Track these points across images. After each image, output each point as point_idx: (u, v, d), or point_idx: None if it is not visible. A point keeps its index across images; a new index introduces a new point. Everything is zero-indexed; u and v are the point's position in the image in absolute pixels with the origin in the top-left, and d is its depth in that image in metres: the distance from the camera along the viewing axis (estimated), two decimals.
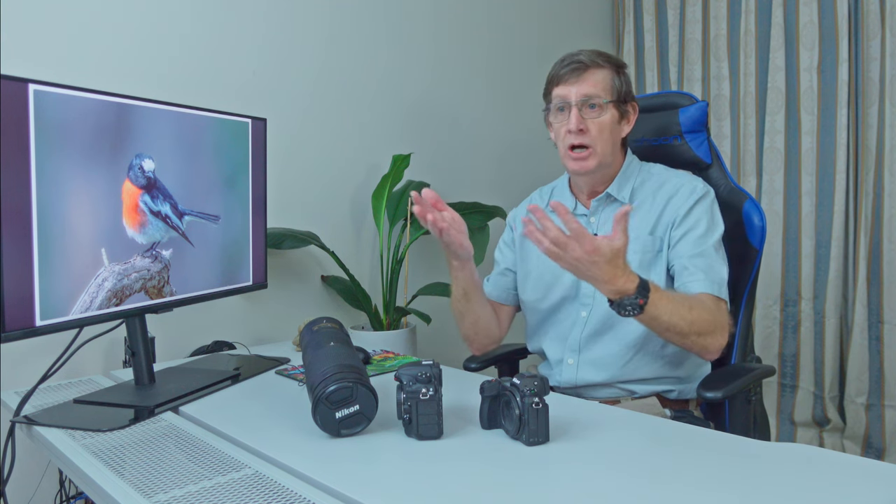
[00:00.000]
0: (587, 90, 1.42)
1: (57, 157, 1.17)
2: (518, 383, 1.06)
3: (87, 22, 1.80)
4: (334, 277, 2.26)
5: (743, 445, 1.06)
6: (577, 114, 1.42)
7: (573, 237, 1.17)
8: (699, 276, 1.37)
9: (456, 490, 0.92)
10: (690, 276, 1.38)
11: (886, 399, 2.50)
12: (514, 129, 2.77)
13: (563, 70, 1.44)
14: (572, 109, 1.43)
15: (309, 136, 2.23)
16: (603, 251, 1.18)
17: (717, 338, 1.34)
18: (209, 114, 1.51)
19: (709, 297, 1.35)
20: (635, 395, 1.45)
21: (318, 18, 2.25)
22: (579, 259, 1.18)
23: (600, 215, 1.51)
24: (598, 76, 1.44)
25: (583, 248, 1.17)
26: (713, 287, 1.37)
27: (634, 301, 1.23)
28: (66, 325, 1.21)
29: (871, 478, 0.93)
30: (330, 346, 1.20)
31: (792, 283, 2.69)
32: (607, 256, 1.18)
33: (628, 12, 3.12)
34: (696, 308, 1.31)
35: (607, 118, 1.44)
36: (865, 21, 2.48)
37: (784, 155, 2.69)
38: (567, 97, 1.43)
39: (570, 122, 1.42)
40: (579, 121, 1.42)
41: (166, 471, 1.00)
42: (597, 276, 1.21)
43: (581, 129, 1.42)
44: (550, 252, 1.19)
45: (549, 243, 1.18)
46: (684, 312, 1.29)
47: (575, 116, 1.42)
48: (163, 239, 1.41)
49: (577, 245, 1.17)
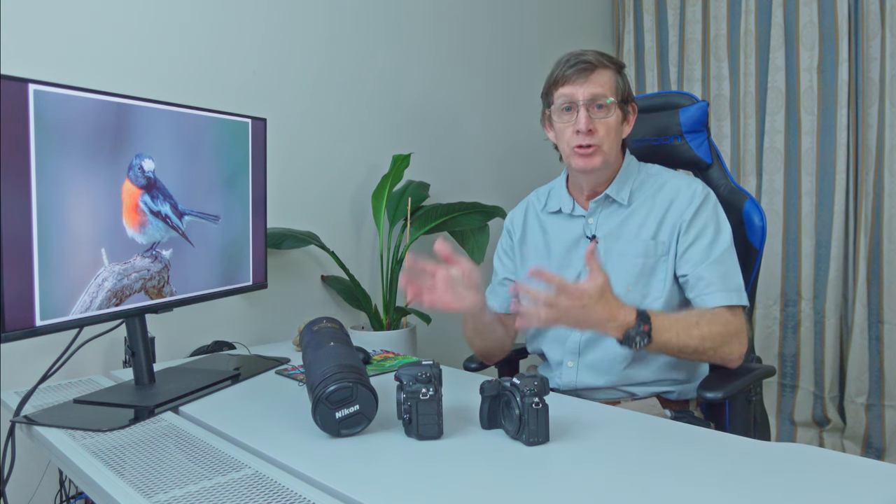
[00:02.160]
0: (595, 90, 1.41)
1: (57, 157, 1.17)
2: (518, 383, 1.06)
3: (87, 22, 1.80)
4: (334, 277, 2.27)
5: (743, 445, 1.06)
6: (586, 114, 1.41)
7: (559, 292, 1.18)
8: (715, 286, 1.38)
9: (456, 490, 0.92)
10: (706, 288, 1.38)
11: (886, 399, 2.50)
12: (514, 129, 2.77)
13: (570, 70, 1.43)
14: (580, 109, 1.41)
15: (309, 136, 2.23)
16: (590, 293, 1.19)
17: (735, 346, 1.36)
18: (209, 114, 1.51)
19: (721, 309, 1.36)
20: (635, 396, 1.45)
21: (318, 18, 2.25)
22: (571, 308, 1.19)
23: (599, 216, 1.51)
24: (605, 76, 1.43)
25: (570, 298, 1.19)
26: (730, 296, 1.37)
27: (639, 330, 1.25)
28: (66, 325, 1.21)
29: (871, 478, 0.93)
30: (330, 346, 1.20)
31: (792, 283, 2.69)
32: (595, 297, 1.20)
33: (628, 12, 3.12)
34: (702, 323, 1.32)
35: (613, 119, 1.44)
36: (865, 21, 2.48)
37: (784, 155, 2.69)
38: (574, 97, 1.42)
39: (580, 123, 1.41)
40: (588, 121, 1.41)
41: (166, 471, 1.00)
42: (596, 318, 1.22)
43: (590, 130, 1.41)
44: (549, 319, 1.20)
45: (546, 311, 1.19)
46: (692, 330, 1.31)
47: (584, 117, 1.41)
48: (163, 239, 1.41)
49: (565, 297, 1.18)
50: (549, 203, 1.60)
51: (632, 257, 1.44)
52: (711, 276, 1.38)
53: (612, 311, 1.23)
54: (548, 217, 1.59)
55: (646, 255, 1.44)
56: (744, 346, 1.37)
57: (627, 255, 1.45)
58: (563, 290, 1.18)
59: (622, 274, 1.44)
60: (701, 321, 1.33)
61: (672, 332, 1.29)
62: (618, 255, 1.46)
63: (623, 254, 1.46)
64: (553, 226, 1.58)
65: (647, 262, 1.44)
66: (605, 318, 1.23)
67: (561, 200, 1.57)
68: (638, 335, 1.25)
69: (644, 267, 1.43)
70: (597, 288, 1.20)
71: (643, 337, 1.25)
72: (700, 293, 1.39)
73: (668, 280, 1.43)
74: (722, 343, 1.34)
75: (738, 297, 1.38)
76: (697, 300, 1.39)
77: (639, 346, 1.26)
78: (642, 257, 1.44)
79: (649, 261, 1.44)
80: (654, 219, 1.46)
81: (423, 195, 2.36)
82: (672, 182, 1.49)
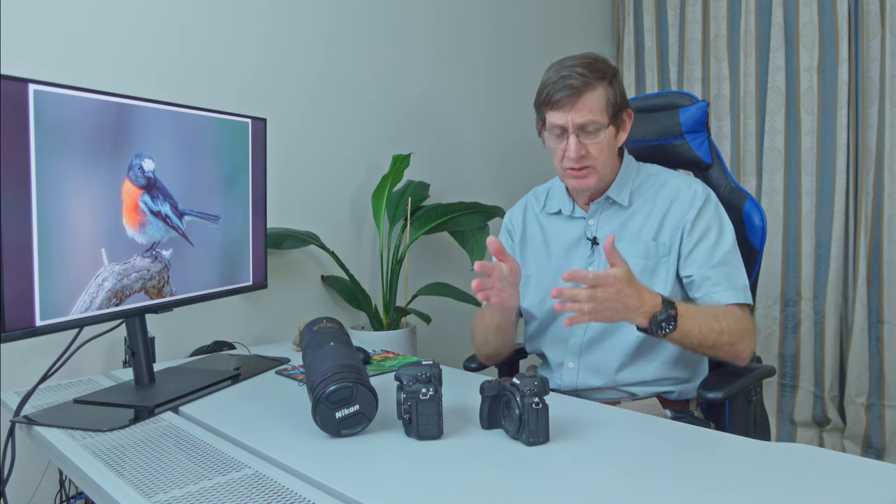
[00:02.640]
0: (584, 118, 1.38)
1: (57, 157, 1.17)
2: (518, 383, 1.06)
3: (87, 22, 1.80)
4: (334, 277, 2.27)
5: (743, 445, 1.06)
6: (576, 141, 1.39)
7: (594, 285, 1.18)
8: (722, 285, 1.38)
9: (456, 490, 0.92)
10: (713, 287, 1.39)
11: (886, 399, 2.50)
12: (514, 129, 2.76)
13: (558, 95, 1.38)
14: (570, 136, 1.39)
15: (309, 136, 2.23)
16: (620, 276, 1.19)
17: (747, 344, 1.37)
18: (209, 114, 1.51)
19: (733, 306, 1.37)
20: (636, 396, 1.45)
21: (318, 18, 2.25)
22: (610, 297, 1.19)
23: (599, 217, 1.51)
24: (593, 99, 1.38)
25: (606, 288, 1.18)
26: (738, 295, 1.38)
27: (667, 313, 1.25)
28: (66, 325, 1.21)
29: (871, 478, 0.93)
30: (330, 346, 1.20)
31: (792, 283, 2.69)
32: (626, 279, 1.20)
33: (628, 12, 3.12)
34: (721, 317, 1.33)
35: (605, 138, 1.41)
36: (865, 21, 2.48)
37: (784, 155, 2.69)
38: (564, 125, 1.39)
39: (570, 150, 1.39)
40: (578, 148, 1.39)
41: (166, 471, 1.00)
42: (629, 304, 1.22)
43: (582, 155, 1.40)
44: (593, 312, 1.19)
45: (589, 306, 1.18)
46: (713, 323, 1.31)
47: (574, 144, 1.39)
48: (163, 239, 1.41)
49: (601, 288, 1.18)
50: (548, 204, 1.60)
51: (633, 258, 1.44)
52: (717, 276, 1.39)
53: (641, 295, 1.23)
54: (547, 218, 1.59)
55: (647, 256, 1.44)
56: (754, 344, 1.39)
57: (628, 256, 1.44)
58: (598, 282, 1.18)
59: None
60: (719, 315, 1.33)
61: (695, 321, 1.29)
62: None
63: (624, 254, 1.44)
64: (553, 227, 1.58)
65: (647, 262, 1.44)
66: (636, 303, 1.22)
67: (560, 201, 1.57)
68: (664, 320, 1.25)
69: (645, 267, 1.43)
70: (625, 272, 1.20)
71: (669, 321, 1.25)
72: (707, 291, 1.39)
73: (670, 280, 1.43)
74: (738, 339, 1.35)
75: (745, 296, 1.39)
76: (705, 298, 1.39)
77: (665, 332, 1.26)
78: (643, 258, 1.44)
79: (650, 261, 1.44)
80: (654, 219, 1.46)
81: (423, 195, 2.36)
82: (672, 182, 1.49)
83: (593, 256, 1.49)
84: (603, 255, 1.47)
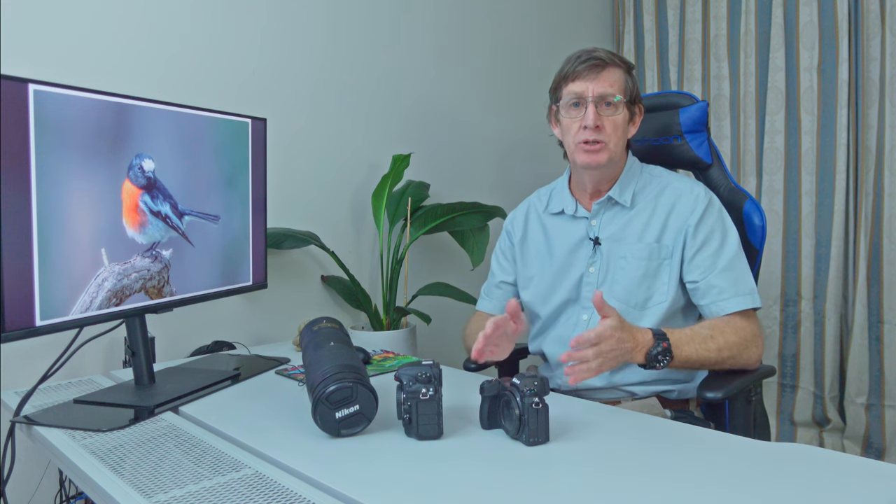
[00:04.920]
0: (605, 88, 1.42)
1: (57, 157, 1.17)
2: (518, 383, 1.06)
3: (87, 22, 1.80)
4: (334, 277, 2.27)
5: (743, 445, 1.06)
6: (594, 110, 1.42)
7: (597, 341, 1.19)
8: (728, 292, 1.39)
9: (456, 490, 0.92)
10: (719, 295, 1.39)
11: (886, 399, 2.50)
12: (514, 129, 2.76)
13: (580, 66, 1.43)
14: (589, 105, 1.42)
15: (309, 136, 2.23)
16: (616, 325, 1.21)
17: (752, 351, 1.38)
18: (209, 114, 1.51)
19: (732, 317, 1.37)
20: (636, 396, 1.45)
21: (318, 18, 2.25)
22: (612, 347, 1.21)
23: (601, 218, 1.51)
24: (615, 75, 1.44)
25: (608, 340, 1.20)
26: (745, 301, 1.38)
27: (660, 346, 1.27)
28: (66, 325, 1.21)
29: (871, 478, 0.93)
30: (330, 346, 1.20)
31: (792, 283, 2.69)
32: (620, 326, 1.22)
33: (628, 12, 3.12)
34: (717, 335, 1.34)
35: (621, 117, 1.44)
36: (865, 21, 2.48)
37: (784, 155, 2.69)
38: (584, 93, 1.42)
39: (587, 118, 1.41)
40: (596, 117, 1.42)
41: (166, 471, 1.00)
42: (627, 347, 1.24)
43: (597, 126, 1.42)
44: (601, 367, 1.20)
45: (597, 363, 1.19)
46: (709, 343, 1.32)
47: (592, 112, 1.41)
48: (163, 239, 1.41)
49: (604, 343, 1.19)
50: (550, 204, 1.60)
51: (635, 260, 1.44)
52: (723, 283, 1.39)
53: (634, 335, 1.26)
54: (549, 218, 1.59)
55: (649, 258, 1.44)
56: (760, 348, 1.39)
57: (630, 258, 1.45)
58: (600, 339, 1.19)
59: (624, 277, 1.44)
60: (714, 333, 1.34)
61: (691, 346, 1.31)
62: (620, 258, 1.46)
63: (625, 256, 1.46)
64: (555, 227, 1.58)
65: (650, 265, 1.44)
66: (632, 345, 1.25)
67: (563, 201, 1.57)
68: (659, 353, 1.27)
69: (647, 270, 1.43)
70: (618, 320, 1.22)
71: (664, 354, 1.27)
72: (714, 300, 1.39)
73: (673, 283, 1.43)
74: (739, 351, 1.35)
75: (752, 300, 1.39)
76: (713, 307, 1.39)
77: (662, 364, 1.28)
78: (646, 260, 1.44)
79: (653, 263, 1.44)
80: (657, 222, 1.46)
81: (423, 195, 2.37)
82: (674, 185, 1.49)
83: (595, 257, 1.49)
84: (604, 255, 1.48)
